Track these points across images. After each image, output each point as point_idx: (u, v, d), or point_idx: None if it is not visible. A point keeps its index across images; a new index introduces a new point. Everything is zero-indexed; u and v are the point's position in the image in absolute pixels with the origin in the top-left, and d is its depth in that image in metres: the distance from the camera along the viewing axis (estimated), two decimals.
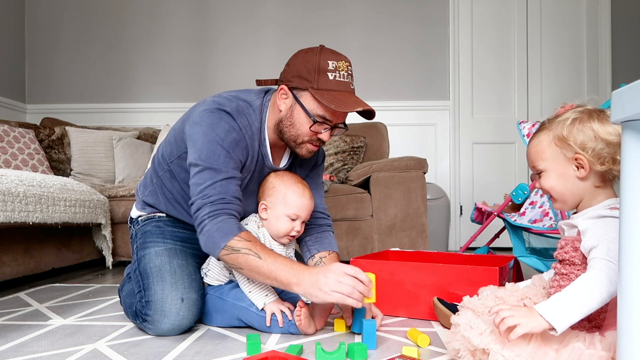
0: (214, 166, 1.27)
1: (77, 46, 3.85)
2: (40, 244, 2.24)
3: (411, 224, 2.62)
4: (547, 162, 1.01)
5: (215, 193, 1.26)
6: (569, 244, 1.01)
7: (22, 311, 1.64)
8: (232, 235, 1.23)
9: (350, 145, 3.12)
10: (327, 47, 1.34)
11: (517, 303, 1.07)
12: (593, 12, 3.81)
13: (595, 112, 0.99)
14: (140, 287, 1.38)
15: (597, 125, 0.96)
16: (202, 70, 3.84)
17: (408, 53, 3.81)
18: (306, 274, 1.20)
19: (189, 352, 1.18)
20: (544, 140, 1.01)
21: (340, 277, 1.17)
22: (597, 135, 0.95)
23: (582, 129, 0.97)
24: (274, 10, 3.82)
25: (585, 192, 1.00)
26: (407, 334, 1.28)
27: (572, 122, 0.98)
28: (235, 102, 1.36)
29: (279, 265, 1.21)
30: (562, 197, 1.02)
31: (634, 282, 0.70)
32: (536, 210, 2.09)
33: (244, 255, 1.21)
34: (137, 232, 1.53)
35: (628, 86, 0.67)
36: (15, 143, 2.77)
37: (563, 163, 0.99)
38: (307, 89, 1.30)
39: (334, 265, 1.21)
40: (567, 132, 0.97)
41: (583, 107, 1.02)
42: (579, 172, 0.98)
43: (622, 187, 0.72)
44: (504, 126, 3.76)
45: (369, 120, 1.39)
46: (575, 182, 0.99)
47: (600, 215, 0.95)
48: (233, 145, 1.30)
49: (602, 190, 1.00)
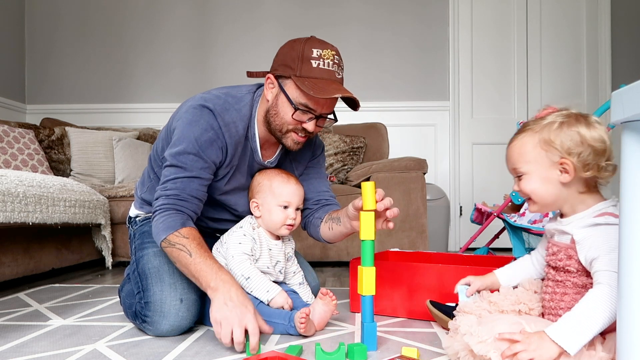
0: (180, 164, 1.31)
1: (77, 46, 3.85)
2: (40, 244, 2.24)
3: (411, 224, 2.62)
4: (530, 165, 0.99)
5: (173, 188, 1.30)
6: (562, 251, 0.99)
7: (22, 311, 1.64)
8: (172, 230, 1.25)
9: (350, 145, 3.12)
10: (315, 37, 1.33)
11: (512, 307, 1.06)
12: (593, 12, 3.81)
13: (582, 117, 0.97)
14: (139, 288, 1.38)
15: (584, 130, 0.94)
16: (202, 70, 3.84)
17: (408, 53, 3.81)
18: (226, 285, 1.18)
19: (188, 352, 1.18)
20: (528, 143, 0.99)
21: (235, 321, 1.12)
22: (584, 140, 0.94)
23: (569, 134, 0.95)
24: (273, 9, 3.82)
25: (568, 197, 0.98)
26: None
27: (560, 126, 0.96)
28: (224, 98, 1.37)
29: (205, 267, 1.21)
30: (543, 201, 1.00)
31: (634, 283, 0.70)
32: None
33: (177, 251, 1.24)
34: (135, 233, 1.53)
35: (628, 87, 0.67)
36: (15, 143, 2.76)
37: (547, 167, 0.97)
38: (290, 77, 1.30)
39: (250, 306, 1.16)
40: (554, 135, 0.95)
41: (567, 110, 0.99)
42: (563, 177, 0.96)
43: (622, 187, 0.72)
44: (504, 127, 3.75)
45: (355, 110, 1.36)
46: (558, 186, 0.97)
47: (595, 224, 0.94)
48: (207, 144, 1.31)
49: (588, 196, 0.98)
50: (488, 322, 0.98)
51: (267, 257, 1.44)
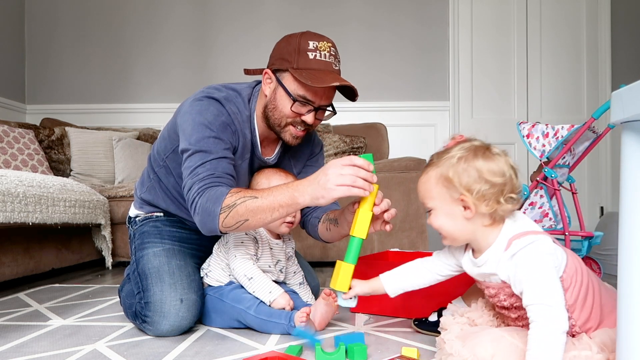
0: (204, 148, 1.27)
1: (76, 47, 3.85)
2: (40, 244, 2.24)
3: (411, 224, 2.62)
4: (435, 201, 0.97)
5: (204, 171, 1.25)
6: (501, 292, 0.98)
7: (22, 312, 1.64)
8: (222, 197, 1.19)
9: (350, 145, 3.12)
10: (310, 31, 1.32)
11: (490, 323, 1.06)
12: (593, 13, 3.81)
13: (481, 150, 0.94)
14: (139, 288, 1.38)
15: (482, 164, 0.92)
16: (201, 70, 3.84)
17: (408, 53, 3.81)
18: (304, 182, 1.17)
19: (188, 352, 1.18)
20: (432, 178, 0.97)
21: (339, 169, 1.11)
22: (481, 175, 0.91)
23: (467, 169, 0.92)
24: (273, 8, 3.82)
25: (475, 231, 0.96)
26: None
27: (458, 161, 0.93)
28: (225, 91, 1.37)
29: (276, 192, 1.18)
30: (452, 236, 0.98)
31: (634, 282, 0.69)
32: (536, 211, 2.09)
33: (242, 205, 1.17)
34: (135, 233, 1.53)
35: (628, 87, 0.67)
36: (15, 143, 2.76)
37: (449, 203, 0.95)
38: (288, 70, 1.29)
39: (329, 163, 1.15)
40: (453, 172, 0.93)
41: (470, 142, 0.97)
42: (466, 213, 0.94)
43: (622, 187, 0.72)
44: (503, 127, 3.75)
45: (353, 101, 1.35)
46: (463, 222, 0.95)
47: (511, 255, 0.92)
48: (222, 128, 1.30)
49: (493, 229, 0.96)
50: (472, 339, 0.97)
51: (269, 256, 1.44)
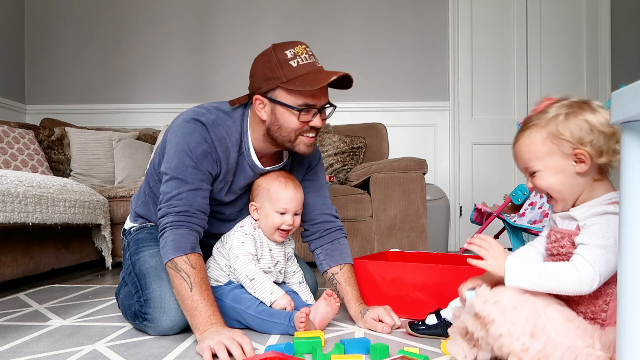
0: (181, 177, 1.29)
1: (76, 47, 3.85)
2: (40, 244, 2.24)
3: (411, 224, 2.62)
4: (543, 161, 0.97)
5: (180, 204, 1.28)
6: (566, 238, 0.98)
7: (22, 312, 1.64)
8: (182, 252, 1.23)
9: (349, 146, 3.12)
10: (277, 43, 1.32)
11: None
12: (593, 12, 3.81)
13: (585, 104, 0.96)
14: (137, 287, 1.38)
15: (591, 117, 0.93)
16: (201, 71, 3.84)
17: (408, 53, 3.81)
18: (214, 328, 1.15)
19: (188, 352, 1.18)
20: (537, 139, 0.97)
21: (224, 337, 1.10)
22: (593, 127, 0.93)
23: (577, 123, 0.93)
24: (272, 5, 3.82)
25: (585, 186, 0.97)
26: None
27: (566, 117, 0.95)
28: (215, 113, 1.36)
29: (201, 305, 1.18)
30: (562, 196, 0.98)
31: (634, 282, 0.69)
32: (536, 211, 2.09)
33: (180, 279, 1.21)
34: (129, 242, 1.55)
35: (628, 87, 0.67)
36: (15, 144, 2.76)
37: (561, 159, 0.96)
38: (278, 87, 1.29)
39: (244, 340, 1.11)
40: (563, 127, 0.94)
41: (568, 100, 0.98)
42: (579, 167, 0.95)
43: (622, 187, 0.72)
44: (503, 127, 3.76)
45: (347, 89, 1.35)
46: (575, 177, 0.96)
47: (604, 212, 0.93)
48: (202, 157, 1.31)
49: (600, 184, 0.97)
50: (500, 289, 0.97)
51: (268, 257, 1.44)
